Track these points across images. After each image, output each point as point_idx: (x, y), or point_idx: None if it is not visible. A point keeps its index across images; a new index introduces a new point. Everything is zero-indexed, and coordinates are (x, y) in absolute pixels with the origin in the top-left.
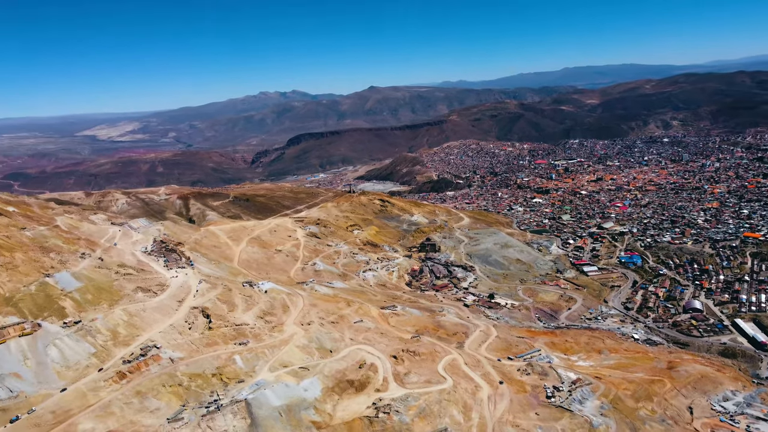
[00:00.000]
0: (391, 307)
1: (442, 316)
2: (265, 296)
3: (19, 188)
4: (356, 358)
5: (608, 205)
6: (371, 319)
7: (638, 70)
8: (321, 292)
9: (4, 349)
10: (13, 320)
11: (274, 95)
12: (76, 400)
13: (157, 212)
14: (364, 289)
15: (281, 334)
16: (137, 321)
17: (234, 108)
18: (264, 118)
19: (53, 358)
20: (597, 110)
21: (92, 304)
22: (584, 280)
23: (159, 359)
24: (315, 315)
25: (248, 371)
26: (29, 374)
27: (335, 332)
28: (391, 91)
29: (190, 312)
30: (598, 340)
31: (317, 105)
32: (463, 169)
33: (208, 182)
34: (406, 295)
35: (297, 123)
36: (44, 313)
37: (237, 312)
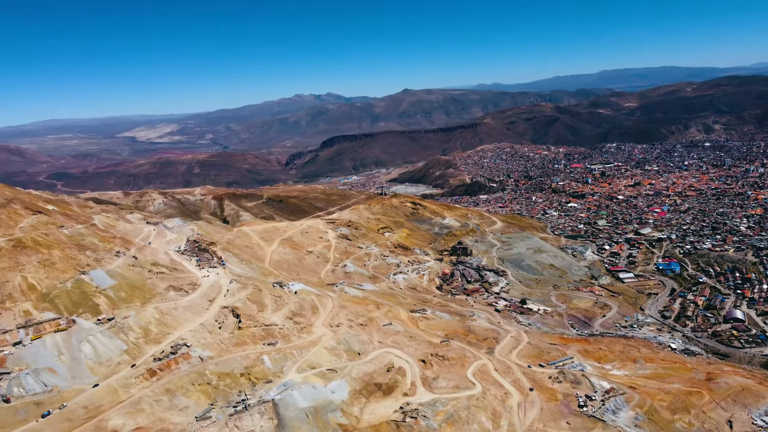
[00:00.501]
0: (421, 311)
1: (473, 320)
2: (295, 297)
3: (62, 188)
4: (384, 362)
5: (646, 210)
6: (400, 322)
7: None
8: (350, 294)
9: (40, 345)
10: (49, 316)
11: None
12: (108, 396)
13: (193, 212)
14: (394, 291)
15: (310, 336)
16: (168, 319)
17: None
18: (298, 120)
19: (86, 354)
20: (635, 113)
21: (125, 302)
22: (620, 287)
23: (189, 358)
24: (344, 317)
25: (276, 372)
26: (63, 369)
27: (364, 335)
28: (425, 94)
29: (220, 311)
30: (634, 349)
31: (351, 107)
32: (496, 172)
33: (243, 183)
34: (436, 298)
35: (331, 125)
36: (79, 309)
37: (266, 312)
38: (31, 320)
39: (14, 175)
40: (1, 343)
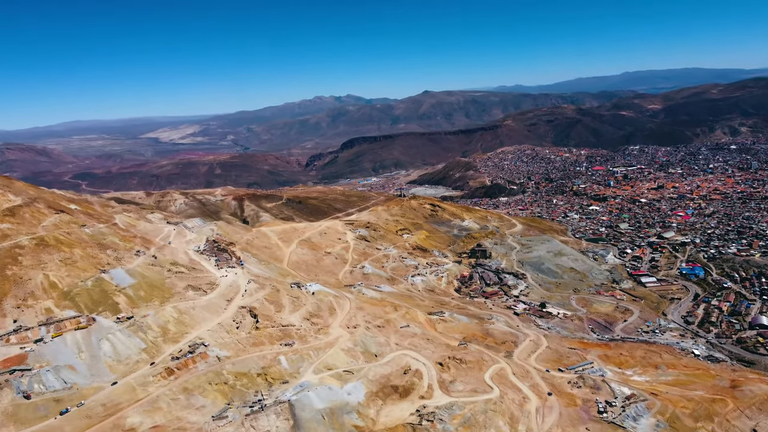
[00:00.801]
0: (439, 313)
1: (491, 324)
2: (312, 298)
3: (86, 187)
4: (401, 364)
5: (669, 213)
6: (418, 324)
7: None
8: (368, 296)
9: (61, 342)
10: (69, 314)
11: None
12: (126, 394)
13: (213, 212)
14: (411, 293)
15: (327, 337)
16: (187, 318)
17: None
18: (319, 121)
19: (106, 351)
20: (659, 116)
21: (144, 301)
22: (642, 292)
23: (206, 357)
24: (361, 318)
25: (293, 372)
26: (83, 367)
27: (381, 336)
28: (446, 96)
29: (238, 311)
30: (655, 355)
31: (371, 109)
32: (517, 174)
33: (264, 184)
34: (454, 301)
35: (351, 127)
36: (99, 307)
37: (284, 313)
38: (53, 318)
39: (41, 174)
40: (22, 340)
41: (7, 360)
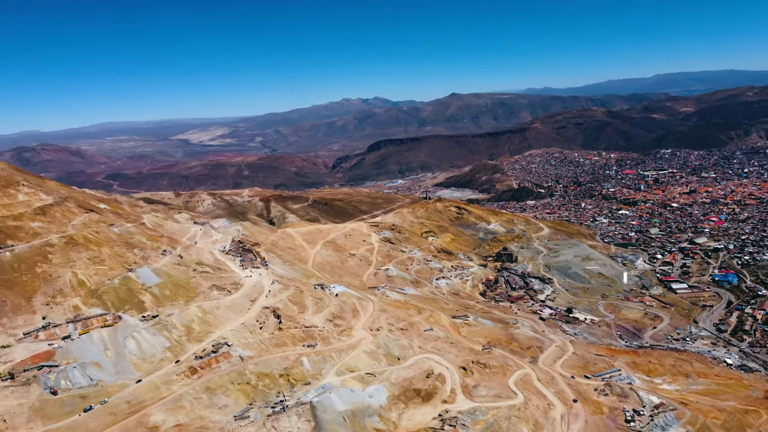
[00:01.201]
0: (463, 317)
1: (516, 328)
2: (336, 299)
3: (118, 188)
4: (424, 367)
5: (702, 219)
6: (442, 328)
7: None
8: (392, 298)
9: (87, 339)
10: (96, 311)
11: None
12: (150, 392)
13: (240, 213)
14: (436, 297)
15: (349, 339)
16: (211, 318)
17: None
18: (346, 124)
19: (131, 349)
20: (692, 119)
21: (170, 300)
22: (672, 298)
23: (229, 357)
24: (384, 321)
25: (315, 374)
26: (108, 364)
27: (404, 339)
28: (473, 98)
29: (261, 312)
30: (686, 363)
31: (398, 111)
32: (545, 178)
33: (290, 186)
34: (479, 305)
35: (378, 129)
36: (125, 306)
37: (307, 314)
38: (80, 315)
39: (74, 175)
40: (51, 336)
41: (35, 356)
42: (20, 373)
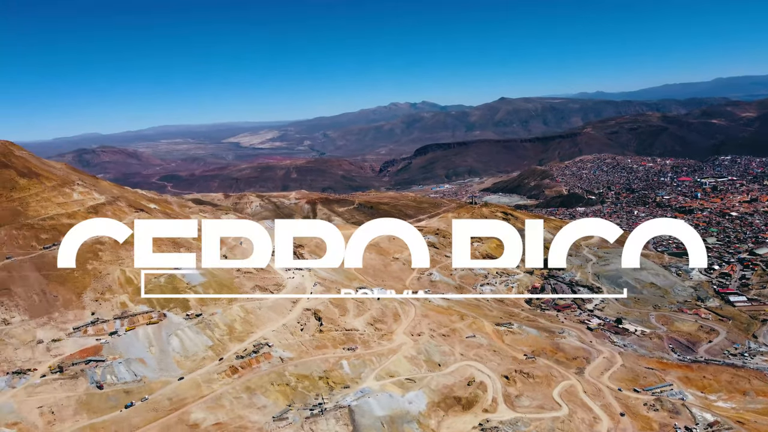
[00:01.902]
0: (507, 324)
1: (562, 338)
2: (377, 303)
3: (171, 189)
4: (465, 375)
5: (763, 229)
6: (485, 335)
7: None
8: (434, 304)
9: (133, 336)
10: (143, 309)
11: (404, 106)
12: (191, 390)
13: (287, 215)
14: (479, 303)
15: (390, 343)
16: (252, 318)
17: (365, 118)
18: (393, 128)
19: (174, 347)
20: (754, 124)
21: (213, 299)
22: (730, 311)
23: (270, 357)
24: (426, 326)
25: (354, 377)
26: (152, 361)
27: (445, 345)
28: (523, 102)
29: (302, 313)
30: (743, 380)
31: (446, 116)
32: (596, 184)
33: (337, 189)
34: (524, 312)
35: (425, 133)
36: (170, 304)
37: (348, 317)
38: (127, 312)
39: (130, 176)
40: (99, 332)
41: (83, 350)
42: (69, 367)
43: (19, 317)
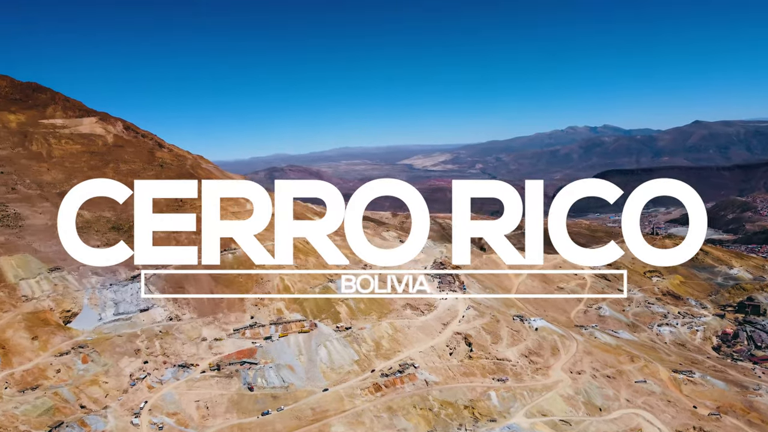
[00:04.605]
0: (687, 373)
1: (758, 395)
2: (535, 334)
3: None
4: (631, 425)
5: None
6: (658, 381)
7: None
8: (601, 340)
9: (285, 342)
10: (296, 317)
11: (583, 130)
12: (334, 403)
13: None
14: (655, 345)
15: (545, 378)
16: (400, 337)
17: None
18: (570, 152)
19: (322, 357)
20: None
21: (363, 314)
22: None
23: (414, 379)
24: (588, 364)
25: (502, 411)
26: (300, 369)
27: (609, 388)
28: (721, 126)
29: (452, 337)
30: None
31: (629, 140)
32: None
33: None
34: (710, 361)
35: (605, 159)
36: (322, 314)
37: (500, 345)
38: (282, 318)
39: None
40: (255, 335)
41: (240, 352)
42: (226, 366)
43: (188, 315)
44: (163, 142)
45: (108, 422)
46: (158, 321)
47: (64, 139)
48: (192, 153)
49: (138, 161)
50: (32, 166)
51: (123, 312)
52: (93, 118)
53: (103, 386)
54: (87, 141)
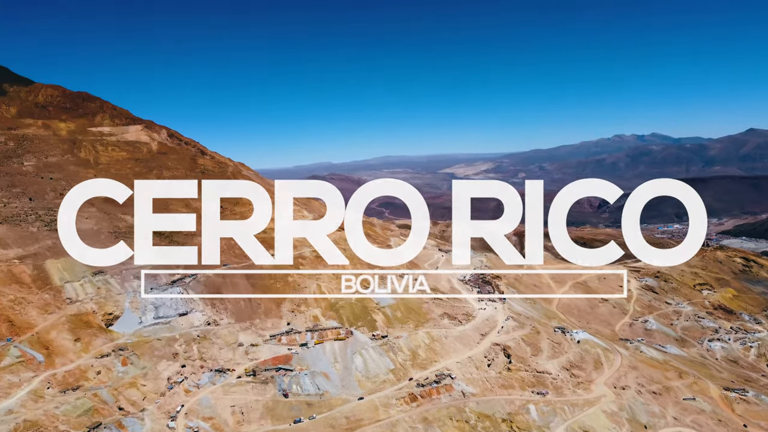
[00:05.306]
0: (740, 391)
1: None
2: (577, 347)
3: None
4: None
5: None
6: (708, 399)
7: None
8: (647, 355)
9: (320, 349)
10: (332, 324)
11: (630, 138)
12: (368, 412)
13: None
14: (705, 361)
15: (587, 393)
16: (437, 346)
17: (586, 151)
18: (616, 161)
19: (357, 366)
20: None
21: (400, 322)
22: None
23: (451, 390)
24: (633, 380)
25: (542, 426)
26: (336, 377)
27: (655, 405)
28: None
29: (491, 348)
30: None
31: (679, 149)
32: None
33: None
34: (765, 379)
35: (653, 168)
36: (358, 322)
37: (540, 357)
38: (318, 326)
39: None
40: (291, 342)
41: (276, 358)
42: (261, 372)
43: (226, 320)
44: (205, 150)
45: (145, 425)
46: (196, 325)
47: (110, 147)
48: (233, 160)
49: (180, 168)
50: (80, 172)
51: (162, 316)
52: (139, 125)
53: (141, 389)
54: (132, 148)
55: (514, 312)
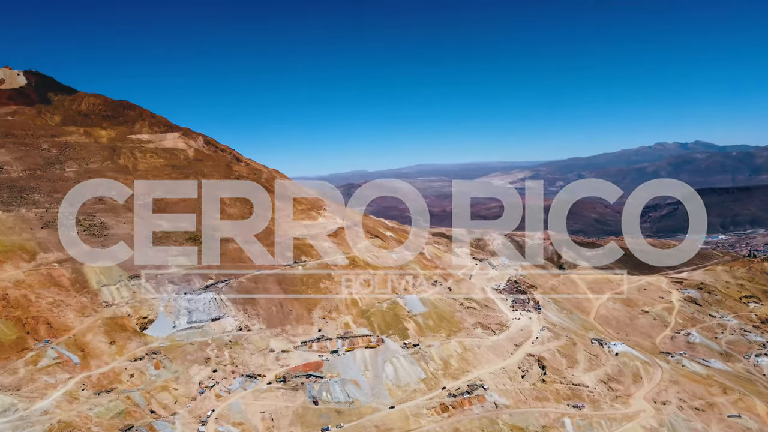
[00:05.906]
0: None
1: None
2: (614, 359)
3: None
4: None
5: None
6: (754, 417)
7: None
8: (689, 369)
9: (351, 357)
10: (363, 331)
11: (672, 146)
12: (399, 422)
13: (529, 255)
14: (752, 377)
15: (625, 407)
16: (470, 356)
17: (626, 159)
18: (657, 170)
19: (388, 374)
20: None
21: (432, 331)
22: None
23: (483, 401)
24: (674, 394)
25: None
26: (366, 385)
27: (697, 422)
28: None
29: (525, 358)
30: None
31: (724, 157)
32: None
33: (588, 232)
34: None
35: (696, 177)
36: (389, 330)
37: (576, 370)
38: (349, 333)
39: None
40: (321, 349)
41: (306, 365)
42: (292, 378)
43: (258, 325)
44: (240, 156)
45: (176, 428)
46: (228, 330)
47: (149, 153)
48: (268, 167)
49: (216, 174)
50: (119, 178)
51: (195, 320)
52: (176, 133)
53: (173, 392)
54: (169, 155)
55: (550, 322)
